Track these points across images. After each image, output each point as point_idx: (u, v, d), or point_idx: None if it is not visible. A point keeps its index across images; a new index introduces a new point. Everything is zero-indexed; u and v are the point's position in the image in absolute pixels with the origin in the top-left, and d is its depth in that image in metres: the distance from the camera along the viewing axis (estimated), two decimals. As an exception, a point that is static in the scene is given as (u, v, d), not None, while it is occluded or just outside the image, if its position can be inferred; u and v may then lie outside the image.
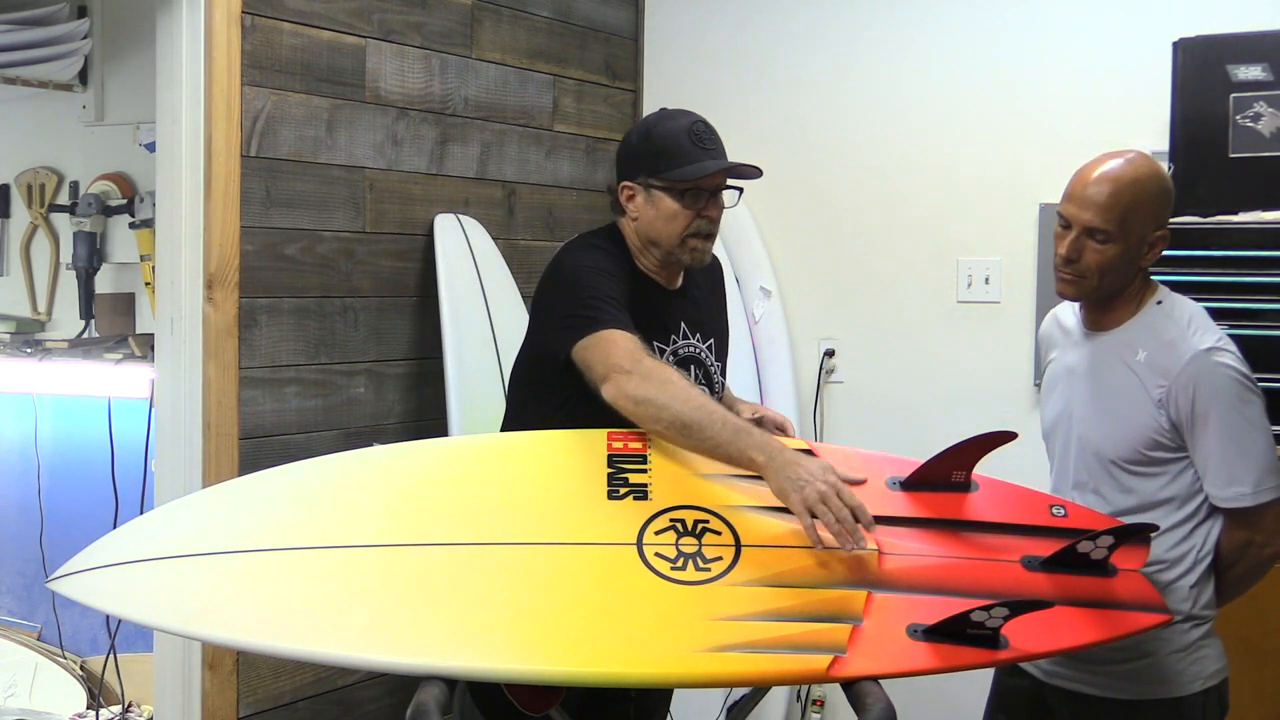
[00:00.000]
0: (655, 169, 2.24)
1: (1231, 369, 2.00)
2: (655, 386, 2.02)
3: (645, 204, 2.27)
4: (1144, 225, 2.04)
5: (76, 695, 3.64)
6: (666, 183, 2.23)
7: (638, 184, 2.27)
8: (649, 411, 2.00)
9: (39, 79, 3.43)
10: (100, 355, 3.42)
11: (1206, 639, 2.09)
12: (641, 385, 2.02)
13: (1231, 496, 2.02)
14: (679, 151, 2.23)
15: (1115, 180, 2.04)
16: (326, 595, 1.68)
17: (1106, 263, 2.05)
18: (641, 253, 2.32)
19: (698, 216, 2.24)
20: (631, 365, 2.05)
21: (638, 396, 2.01)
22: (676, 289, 2.36)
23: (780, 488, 1.88)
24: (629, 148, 2.33)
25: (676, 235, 2.25)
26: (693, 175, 2.22)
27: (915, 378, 3.46)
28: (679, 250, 2.27)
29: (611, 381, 2.04)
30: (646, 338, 2.16)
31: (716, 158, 2.25)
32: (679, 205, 2.23)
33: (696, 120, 2.27)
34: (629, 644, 1.65)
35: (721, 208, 2.28)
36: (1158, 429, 2.03)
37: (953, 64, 3.40)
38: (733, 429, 1.97)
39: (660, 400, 2.00)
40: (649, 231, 2.28)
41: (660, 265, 2.32)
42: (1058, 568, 1.83)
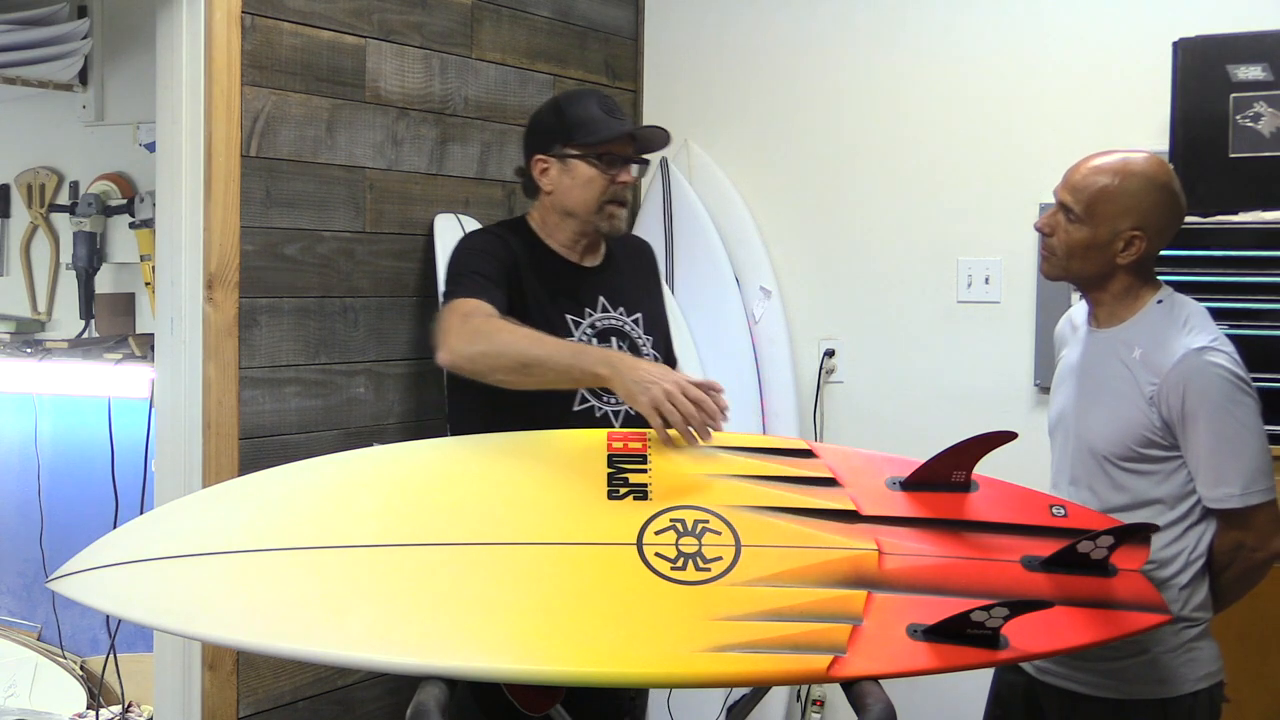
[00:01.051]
0: (570, 138, 2.34)
1: (1223, 368, 2.00)
2: (484, 339, 2.12)
3: (561, 174, 2.36)
4: (1116, 217, 2.05)
5: (76, 695, 3.64)
6: (582, 149, 2.33)
7: (552, 155, 2.36)
8: (487, 362, 2.10)
9: (39, 79, 3.43)
10: (100, 355, 3.42)
11: (1199, 641, 2.08)
12: (470, 341, 2.12)
13: (1220, 497, 2.02)
14: (592, 119, 2.34)
15: (1099, 168, 2.08)
16: (326, 595, 1.68)
17: (1073, 244, 2.09)
18: (556, 229, 2.40)
19: (612, 183, 2.34)
20: (459, 325, 2.15)
21: (469, 353, 2.12)
22: (595, 266, 2.43)
23: (628, 392, 1.99)
24: (541, 123, 2.43)
25: (594, 201, 2.34)
26: (608, 136, 2.33)
27: (915, 378, 3.46)
28: (597, 218, 2.36)
29: (441, 346, 2.16)
30: (559, 312, 2.28)
31: (626, 124, 2.38)
32: (595, 171, 2.33)
33: (605, 95, 2.43)
34: (629, 644, 1.65)
35: (632, 176, 2.39)
36: (1149, 426, 2.03)
37: (953, 64, 3.40)
38: (571, 352, 2.11)
39: (493, 349, 2.10)
40: (565, 202, 2.37)
41: (575, 240, 2.40)
42: (1058, 568, 1.83)
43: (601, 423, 2.32)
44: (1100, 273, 2.10)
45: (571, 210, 2.36)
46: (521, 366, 2.09)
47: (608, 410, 2.34)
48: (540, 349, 2.10)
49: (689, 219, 3.62)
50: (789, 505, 1.85)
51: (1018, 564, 1.84)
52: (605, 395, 2.33)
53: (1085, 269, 2.10)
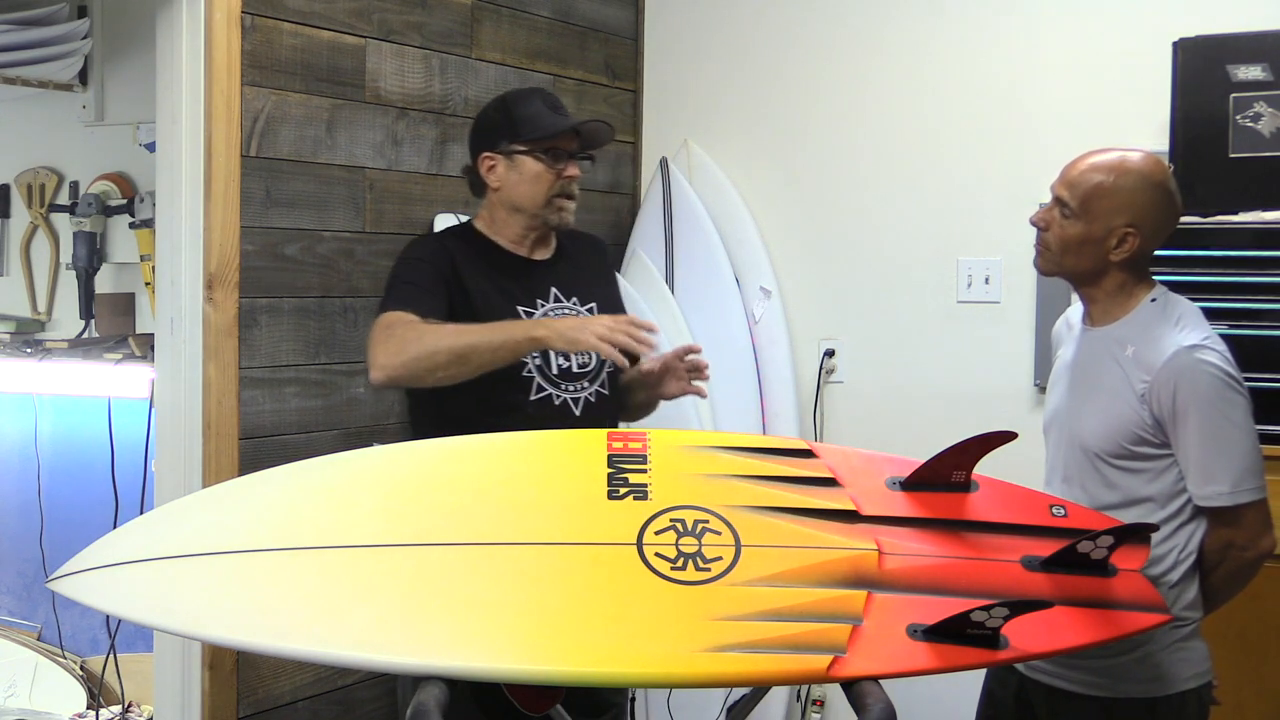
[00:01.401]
0: (516, 134, 2.39)
1: (1214, 366, 2.00)
2: (411, 345, 2.19)
3: (508, 170, 2.40)
4: (1110, 214, 2.05)
5: (76, 695, 3.64)
6: (529, 144, 2.38)
7: (499, 153, 2.41)
8: (421, 366, 2.19)
9: (39, 79, 3.43)
10: (100, 355, 3.42)
11: (1189, 640, 2.08)
12: (398, 352, 2.20)
13: (1209, 495, 2.02)
14: (537, 116, 2.40)
15: (1096, 164, 2.09)
16: (326, 595, 1.68)
17: (1067, 239, 2.09)
18: (505, 226, 2.44)
19: (559, 177, 2.39)
20: (383, 341, 2.23)
21: (399, 363, 2.19)
22: (545, 259, 2.48)
23: (570, 340, 2.16)
24: (487, 120, 2.48)
25: (542, 196, 2.39)
26: (552, 130, 2.38)
27: (915, 378, 3.46)
28: (545, 211, 2.41)
29: (372, 363, 2.24)
30: (510, 305, 2.35)
31: (570, 121, 2.44)
32: (542, 166, 2.38)
33: (548, 93, 2.49)
34: (629, 644, 1.64)
35: (578, 171, 2.44)
36: (1140, 423, 2.04)
37: (953, 64, 3.40)
38: (501, 330, 2.21)
39: (423, 351, 2.19)
40: (513, 198, 2.41)
41: (523, 235, 2.44)
42: (1058, 568, 1.83)
43: (560, 410, 2.38)
44: (1093, 269, 2.10)
45: (519, 205, 2.41)
46: (457, 359, 2.18)
47: (566, 398, 2.39)
48: (469, 337, 2.20)
49: (689, 219, 3.62)
50: (789, 505, 1.85)
51: (1018, 564, 1.84)
52: (562, 383, 2.38)
53: (1079, 265, 2.11)
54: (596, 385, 2.44)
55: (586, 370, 2.42)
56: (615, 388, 2.50)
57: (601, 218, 3.71)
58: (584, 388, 2.42)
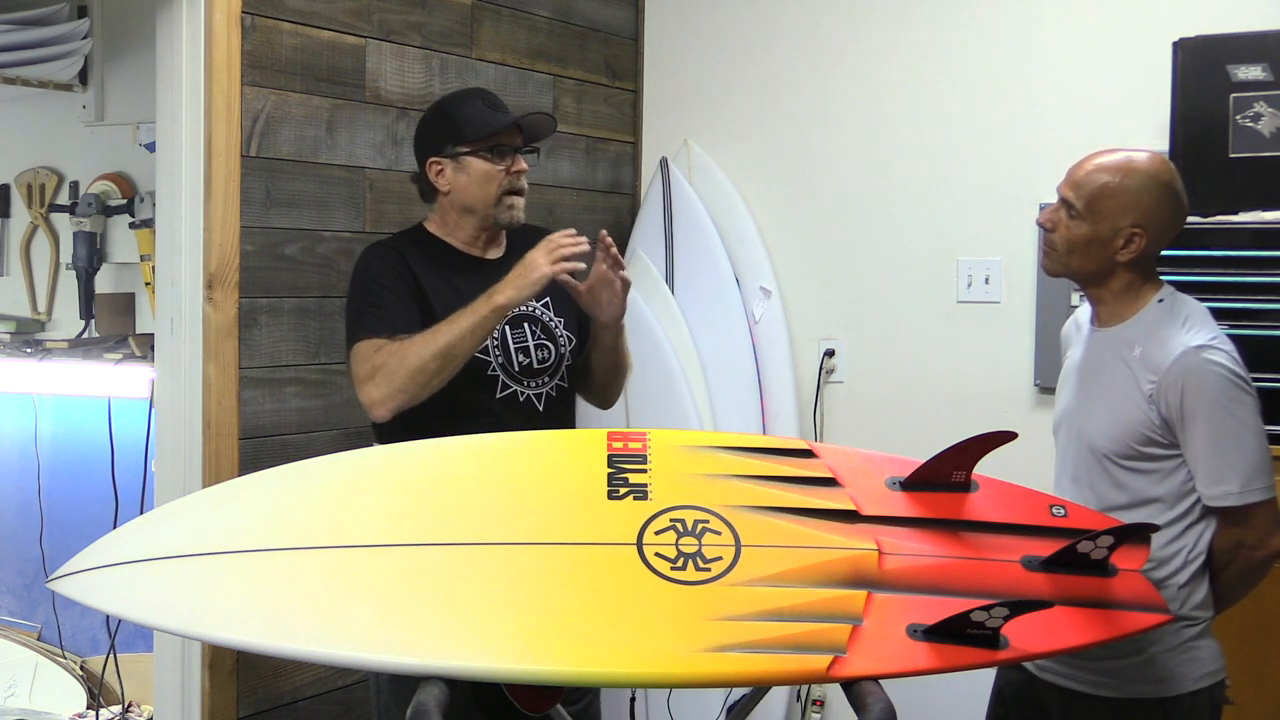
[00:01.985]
0: (460, 137, 2.40)
1: (1221, 366, 2.00)
2: (397, 368, 2.24)
3: (456, 173, 2.42)
4: (1117, 214, 2.06)
5: (76, 695, 3.64)
6: (473, 145, 2.39)
7: (445, 157, 2.42)
8: (414, 385, 2.24)
9: (39, 79, 3.43)
10: (100, 355, 3.42)
11: (1199, 640, 2.08)
12: (387, 383, 2.24)
13: (1218, 495, 2.02)
14: (477, 116, 2.41)
15: (1102, 165, 2.09)
16: (326, 595, 1.68)
17: (1074, 240, 2.09)
18: (457, 228, 2.46)
19: (507, 173, 2.40)
20: (369, 373, 2.27)
21: (392, 391, 2.24)
22: (498, 258, 2.48)
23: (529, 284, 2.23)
24: (429, 128, 2.49)
25: (493, 195, 2.41)
26: (495, 127, 2.40)
27: (915, 378, 3.46)
28: (496, 210, 2.42)
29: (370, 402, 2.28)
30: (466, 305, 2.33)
31: (511, 117, 2.45)
32: (489, 164, 2.40)
33: (487, 92, 2.50)
34: (629, 644, 1.64)
35: (525, 166, 2.45)
36: (1148, 424, 2.04)
37: (953, 64, 3.40)
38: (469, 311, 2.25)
39: (410, 368, 2.23)
40: (463, 200, 2.42)
41: (475, 235, 2.46)
42: (1058, 568, 1.83)
43: (525, 407, 2.40)
44: (1100, 269, 2.10)
45: (470, 206, 2.42)
46: (443, 361, 2.23)
47: (530, 394, 2.41)
48: (442, 336, 2.24)
49: (689, 219, 3.62)
50: (789, 505, 1.85)
51: (1018, 564, 1.84)
52: (526, 380, 2.41)
53: (1085, 265, 2.11)
54: (556, 379, 2.47)
55: (546, 365, 2.44)
56: (574, 379, 2.52)
57: (601, 218, 3.70)
58: (545, 383, 2.44)
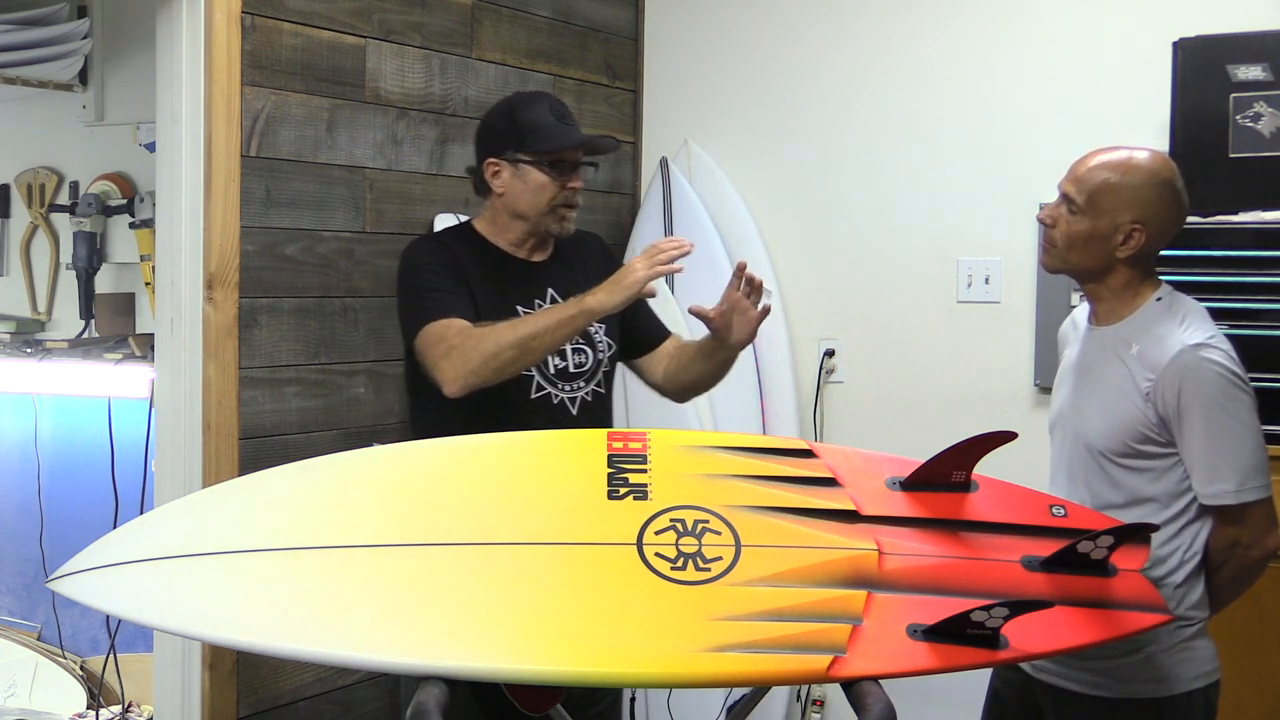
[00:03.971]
0: (522, 144, 2.38)
1: (1218, 365, 2.00)
2: (474, 354, 2.22)
3: (512, 178, 2.40)
4: (1117, 210, 2.06)
5: (76, 695, 3.64)
6: (534, 155, 2.38)
7: (504, 160, 2.40)
8: (490, 366, 2.22)
9: (39, 79, 3.43)
10: (100, 355, 3.42)
11: (1195, 640, 2.08)
12: (464, 363, 2.23)
13: (1214, 494, 2.02)
14: (544, 126, 2.39)
15: (1104, 162, 2.09)
16: (326, 595, 1.68)
17: (1073, 236, 2.09)
18: (505, 229, 2.45)
19: (563, 188, 2.39)
20: (444, 355, 2.25)
21: (469, 371, 2.22)
22: (543, 261, 2.48)
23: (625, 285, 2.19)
24: (493, 127, 2.47)
25: (545, 205, 2.40)
26: (559, 145, 2.38)
27: (915, 378, 3.46)
28: (548, 219, 2.41)
29: (442, 383, 2.25)
30: (509, 306, 2.36)
31: (576, 132, 2.43)
32: (546, 177, 2.38)
33: (555, 99, 2.47)
34: (629, 644, 1.64)
35: (582, 182, 2.43)
36: (1145, 422, 2.04)
37: (953, 64, 3.40)
38: (557, 308, 2.25)
39: (488, 351, 2.21)
40: (516, 205, 2.42)
41: (523, 239, 2.46)
42: (1058, 568, 1.83)
43: (559, 410, 2.40)
44: (1099, 266, 2.10)
45: (522, 213, 2.42)
46: (522, 351, 2.22)
47: (564, 397, 2.41)
48: (526, 327, 2.23)
49: (689, 219, 3.62)
50: (789, 505, 1.85)
51: (1018, 564, 1.84)
52: (561, 383, 2.41)
53: (1084, 261, 2.11)
54: (593, 384, 2.46)
55: (583, 370, 2.44)
56: (610, 388, 2.52)
57: (601, 218, 3.71)
58: (580, 387, 2.44)
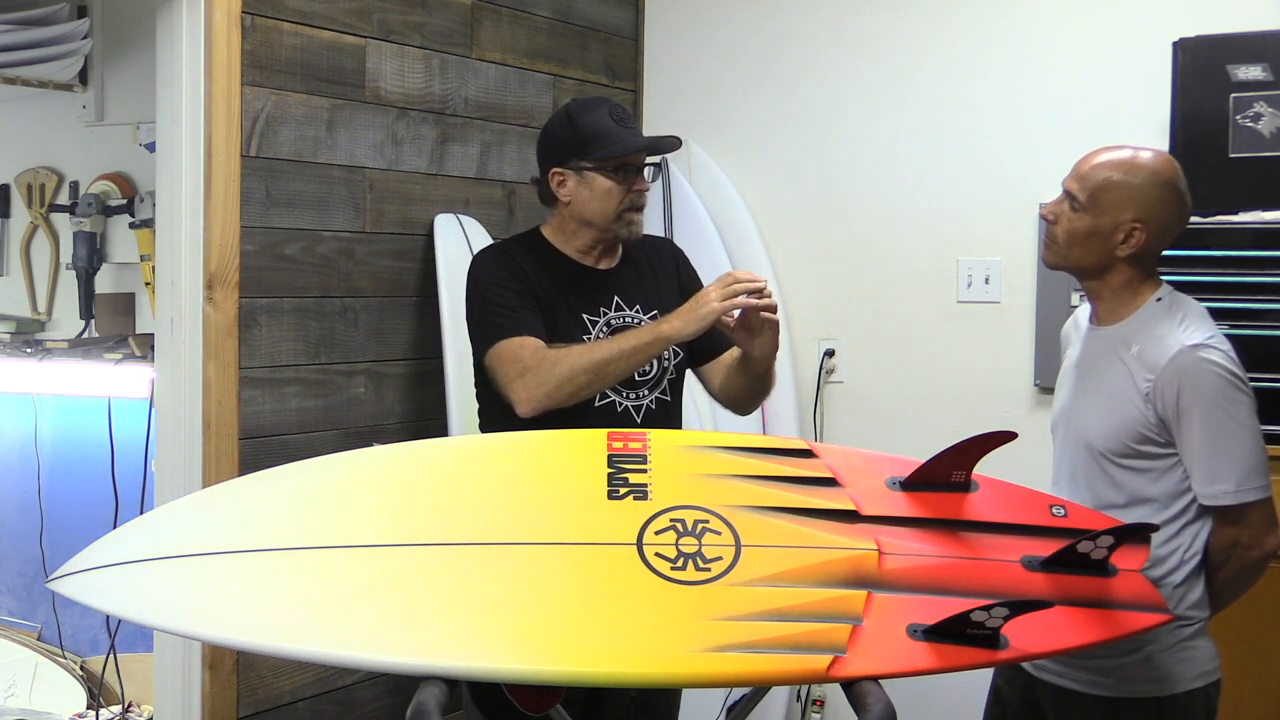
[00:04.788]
0: (585, 151, 2.38)
1: (1217, 365, 2.01)
2: (548, 378, 2.24)
3: (578, 186, 2.40)
4: (1119, 208, 2.06)
5: (76, 695, 3.64)
6: (598, 162, 2.37)
7: (569, 169, 2.40)
8: (564, 393, 2.24)
9: (39, 79, 3.43)
10: (100, 355, 3.42)
11: (1195, 640, 2.08)
12: (538, 386, 2.24)
13: (1214, 494, 2.03)
14: (606, 133, 2.38)
15: (1107, 160, 2.10)
16: (326, 595, 1.68)
17: (1074, 233, 2.10)
18: (573, 237, 2.45)
19: (629, 191, 2.39)
20: (519, 377, 2.27)
21: (542, 395, 2.24)
22: (611, 268, 2.48)
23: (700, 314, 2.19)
24: (555, 136, 2.46)
25: (613, 211, 2.39)
26: (624, 150, 2.38)
27: (915, 378, 3.46)
28: (616, 225, 2.41)
29: (516, 404, 2.27)
30: (575, 314, 2.37)
31: (638, 135, 2.44)
32: (612, 182, 2.38)
33: (615, 104, 2.45)
34: (629, 644, 1.65)
35: (647, 185, 2.44)
36: (1144, 422, 2.04)
37: (953, 63, 3.40)
38: (633, 334, 2.26)
39: (562, 376, 2.23)
40: (584, 213, 2.41)
41: (592, 246, 2.45)
42: (1058, 568, 1.83)
43: (623, 418, 2.38)
44: (1099, 264, 2.11)
45: (590, 220, 2.41)
46: (595, 376, 2.24)
47: (628, 405, 2.40)
48: (600, 352, 2.24)
49: (689, 219, 3.62)
50: (789, 505, 1.85)
51: (1018, 564, 1.84)
52: (625, 390, 2.39)
53: (1084, 258, 2.11)
54: (657, 392, 2.44)
55: (648, 378, 2.42)
56: (679, 395, 2.50)
57: (601, 218, 3.70)
58: (645, 395, 2.42)
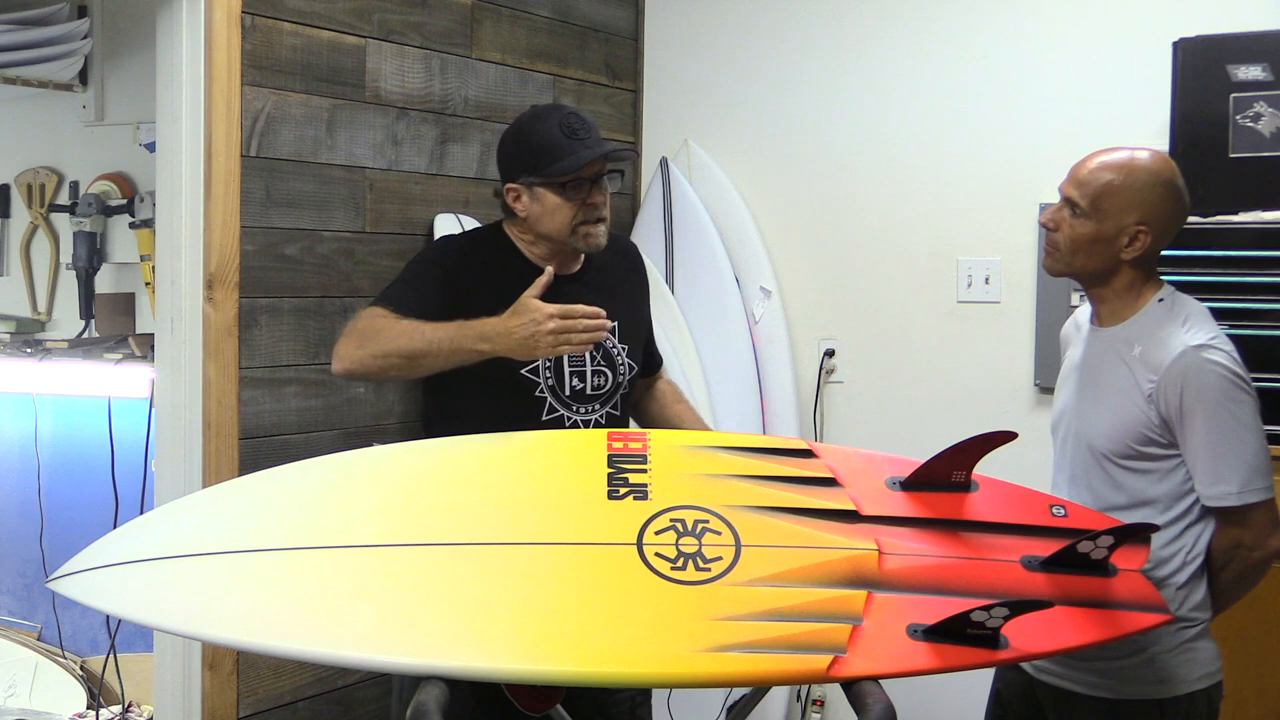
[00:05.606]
0: (534, 167, 2.32)
1: (1221, 366, 2.00)
2: (369, 342, 2.20)
3: (531, 202, 2.35)
4: (1121, 211, 2.05)
5: (76, 695, 3.64)
6: (546, 179, 2.31)
7: (520, 184, 2.35)
8: (376, 364, 2.20)
9: (39, 79, 3.43)
10: (100, 355, 3.42)
11: (1197, 641, 2.08)
12: (356, 346, 2.21)
13: (1217, 495, 2.02)
14: (553, 147, 2.30)
15: (1105, 163, 2.08)
16: (326, 595, 1.68)
17: (1077, 239, 2.09)
18: (532, 245, 2.40)
19: (582, 205, 2.32)
20: (346, 335, 2.25)
21: (355, 357, 2.20)
22: (572, 274, 2.42)
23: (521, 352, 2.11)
24: (505, 151, 2.41)
25: (566, 227, 2.34)
26: (569, 169, 2.30)
27: (915, 378, 3.46)
28: (573, 239, 2.35)
29: (334, 355, 2.24)
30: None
31: (590, 147, 2.32)
32: (562, 199, 2.32)
33: (568, 112, 2.36)
34: (629, 644, 1.65)
35: (605, 192, 2.35)
36: (1148, 424, 2.04)
37: (952, 63, 3.40)
38: (450, 336, 2.16)
39: (378, 349, 2.19)
40: (538, 227, 2.36)
41: (552, 255, 2.40)
42: (1058, 568, 1.83)
43: None
44: (1104, 268, 2.10)
45: (546, 234, 2.36)
46: (408, 361, 2.19)
47: (578, 419, 2.37)
48: (420, 341, 2.18)
49: (689, 219, 3.62)
50: (789, 505, 1.85)
51: (1018, 564, 1.84)
52: (575, 405, 2.36)
53: (1089, 264, 2.10)
54: (608, 407, 2.41)
55: (600, 392, 2.39)
56: (626, 409, 2.48)
57: (601, 218, 3.70)
58: (595, 409, 2.39)
